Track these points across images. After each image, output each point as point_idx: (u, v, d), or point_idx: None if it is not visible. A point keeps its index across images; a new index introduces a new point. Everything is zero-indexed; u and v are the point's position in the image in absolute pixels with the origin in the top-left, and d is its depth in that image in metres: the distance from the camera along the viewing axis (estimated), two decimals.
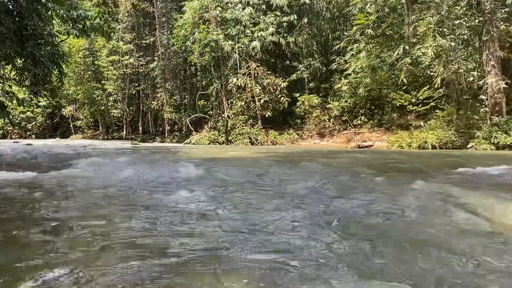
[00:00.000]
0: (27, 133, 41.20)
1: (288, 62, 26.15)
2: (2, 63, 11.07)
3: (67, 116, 38.64)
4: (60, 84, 13.62)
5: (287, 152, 14.24)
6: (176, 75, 30.27)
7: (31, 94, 12.37)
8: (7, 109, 11.17)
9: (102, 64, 32.80)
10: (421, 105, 17.27)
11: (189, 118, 27.18)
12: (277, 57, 27.69)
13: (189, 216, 3.83)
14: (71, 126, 39.16)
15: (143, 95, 34.72)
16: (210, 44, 23.81)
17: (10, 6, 10.29)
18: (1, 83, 11.18)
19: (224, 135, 23.93)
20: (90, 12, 12.80)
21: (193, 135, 25.43)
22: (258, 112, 23.56)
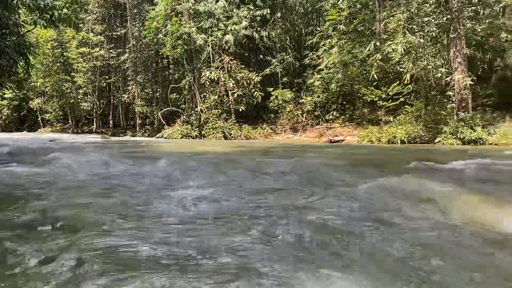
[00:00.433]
0: None
1: (261, 56, 26.12)
2: None
3: (35, 109, 37.51)
4: (27, 75, 13.22)
5: (260, 147, 14.26)
6: (148, 68, 29.80)
7: None
8: None
9: (71, 56, 31.93)
10: (390, 100, 17.56)
11: (161, 112, 26.83)
12: (250, 51, 27.64)
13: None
14: (39, 119, 38.06)
15: (114, 88, 34.03)
16: (183, 37, 23.52)
17: None
18: None
19: (197, 129, 23.74)
20: (58, 1, 12.39)
21: (165, 129, 25.12)
22: (231, 106, 23.46)
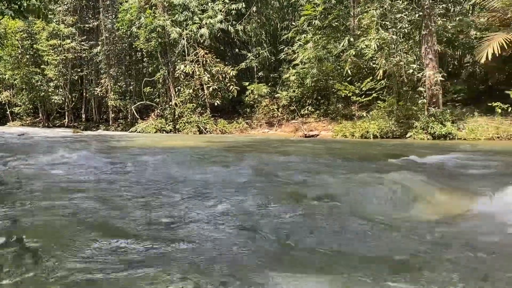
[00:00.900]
0: None
1: (237, 50, 25.97)
2: None
3: (3, 102, 36.26)
4: None
5: (237, 142, 14.20)
6: (121, 61, 29.20)
7: None
8: None
9: (41, 48, 30.97)
10: (364, 96, 17.76)
11: (134, 106, 26.36)
12: (226, 45, 27.44)
13: None
14: (7, 112, 36.86)
15: (86, 81, 33.22)
16: (157, 30, 23.13)
17: None
18: None
19: (171, 123, 23.46)
20: None
21: (139, 123, 24.73)
22: (206, 101, 23.27)
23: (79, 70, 32.58)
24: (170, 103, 23.96)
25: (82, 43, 30.89)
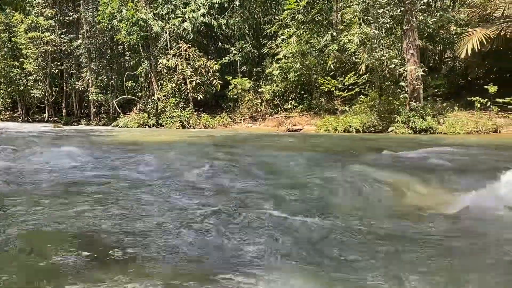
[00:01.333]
0: None
1: (220, 44, 25.83)
2: None
3: None
4: None
5: (222, 136, 14.14)
6: (102, 55, 28.75)
7: None
8: None
9: (20, 41, 30.25)
10: (347, 90, 17.85)
11: (116, 100, 26.02)
12: (209, 38, 27.26)
13: None
14: None
15: (66, 75, 32.66)
16: (139, 23, 22.82)
17: None
18: None
19: (154, 118, 23.24)
20: None
21: (121, 117, 24.43)
22: (189, 95, 23.09)
23: (59, 63, 31.98)
24: (153, 97, 23.73)
25: (62, 36, 30.30)
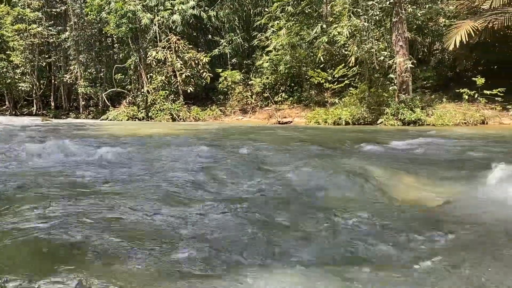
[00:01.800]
0: None
1: (210, 36, 25.68)
2: None
3: None
4: None
5: (214, 129, 14.12)
6: (91, 47, 28.46)
7: None
8: None
9: (6, 33, 29.80)
10: (336, 83, 17.90)
11: (105, 93, 25.80)
12: (198, 31, 27.07)
13: None
14: None
15: (55, 68, 32.28)
16: (127, 15, 22.60)
17: None
18: None
19: (143, 111, 23.10)
20: None
21: (110, 110, 24.26)
22: (179, 88, 22.99)
23: (47, 56, 31.60)
24: (142, 90, 23.58)
25: (50, 28, 29.91)
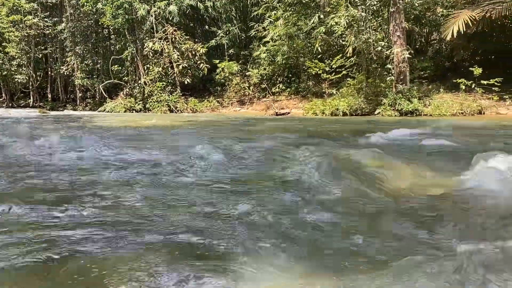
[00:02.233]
0: None
1: (207, 27, 25.57)
2: None
3: None
4: None
5: (211, 121, 14.10)
6: (87, 38, 28.28)
7: None
8: None
9: (1, 24, 29.58)
10: (334, 73, 17.88)
11: (102, 85, 25.71)
12: (195, 21, 26.94)
13: None
14: None
15: (51, 60, 32.14)
16: (124, 6, 22.44)
17: None
18: None
19: (141, 102, 23.04)
20: None
21: (108, 102, 24.19)
22: (176, 79, 22.92)
23: (43, 48, 31.43)
24: (139, 81, 23.50)
25: (45, 19, 29.73)
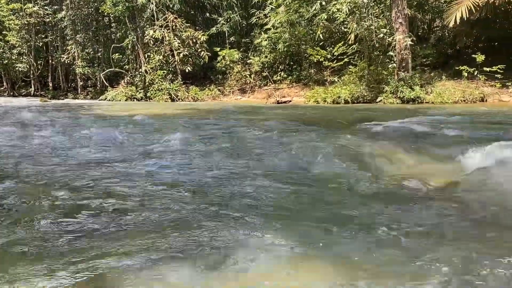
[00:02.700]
0: None
1: (208, 14, 25.36)
2: None
3: None
4: None
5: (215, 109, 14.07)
6: (87, 26, 28.12)
7: None
8: None
9: (1, 13, 29.41)
10: (336, 61, 17.76)
11: (103, 73, 25.62)
12: (196, 9, 26.72)
13: None
14: None
15: (52, 48, 32.00)
16: None
17: None
18: None
19: (142, 91, 22.96)
20: None
21: (109, 91, 24.13)
22: (177, 67, 22.82)
23: (43, 36, 31.28)
24: (140, 70, 23.41)
25: (45, 7, 29.54)
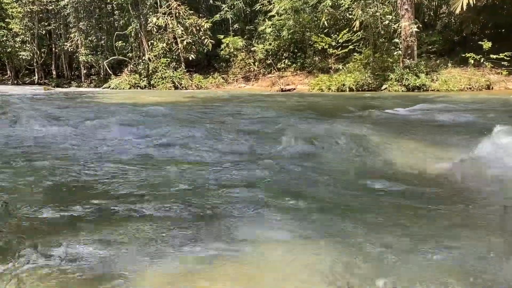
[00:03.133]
0: None
1: (211, 1, 25.12)
2: None
3: None
4: None
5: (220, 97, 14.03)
6: (91, 14, 27.92)
7: None
8: None
9: (4, 0, 29.26)
10: (340, 48, 17.60)
11: (107, 61, 25.54)
12: None
13: None
14: None
15: (55, 36, 31.84)
16: None
17: None
18: None
19: (145, 79, 22.88)
20: None
21: (112, 79, 24.07)
22: (181, 55, 22.70)
23: (46, 24, 31.10)
24: (144, 58, 23.29)
25: None
